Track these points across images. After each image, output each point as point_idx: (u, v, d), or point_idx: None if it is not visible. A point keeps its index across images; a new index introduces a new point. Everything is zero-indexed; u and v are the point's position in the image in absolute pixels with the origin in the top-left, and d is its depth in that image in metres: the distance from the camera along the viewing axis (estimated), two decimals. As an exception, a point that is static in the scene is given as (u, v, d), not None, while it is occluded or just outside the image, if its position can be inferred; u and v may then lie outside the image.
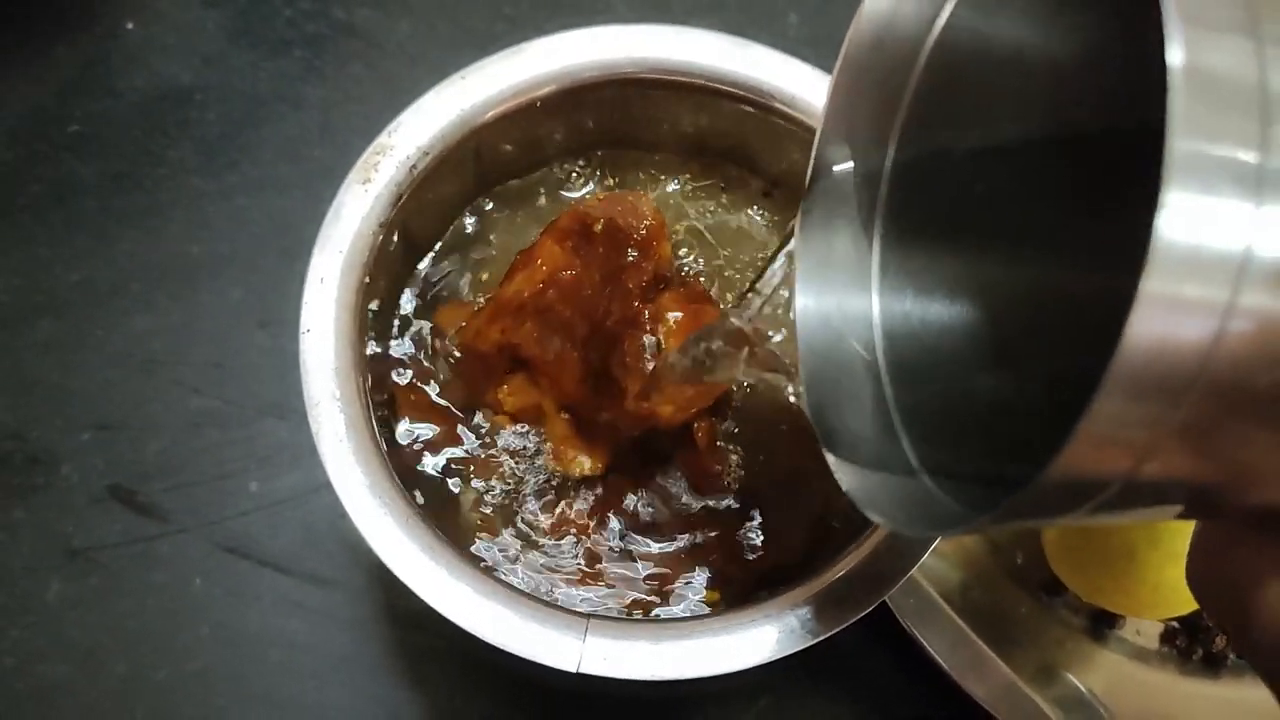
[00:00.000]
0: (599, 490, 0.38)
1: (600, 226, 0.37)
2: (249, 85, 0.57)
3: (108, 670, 0.45)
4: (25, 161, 0.54)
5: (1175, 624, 0.49)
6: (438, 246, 0.41)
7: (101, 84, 0.56)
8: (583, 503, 0.38)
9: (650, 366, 0.36)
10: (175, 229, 0.54)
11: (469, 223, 0.42)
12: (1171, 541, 0.44)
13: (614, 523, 0.38)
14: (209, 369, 0.51)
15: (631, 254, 0.37)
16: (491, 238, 0.42)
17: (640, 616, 0.36)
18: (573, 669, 0.32)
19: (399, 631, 0.47)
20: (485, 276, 0.41)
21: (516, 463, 0.39)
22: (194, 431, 0.50)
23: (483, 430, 0.39)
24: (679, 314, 0.37)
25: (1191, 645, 0.48)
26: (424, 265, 0.41)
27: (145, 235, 0.54)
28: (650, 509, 0.38)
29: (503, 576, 0.35)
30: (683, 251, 0.43)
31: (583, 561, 0.37)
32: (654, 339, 0.36)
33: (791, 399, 0.40)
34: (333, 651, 0.46)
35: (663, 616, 0.36)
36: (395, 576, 0.47)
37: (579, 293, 0.37)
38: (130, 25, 0.58)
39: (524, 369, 0.39)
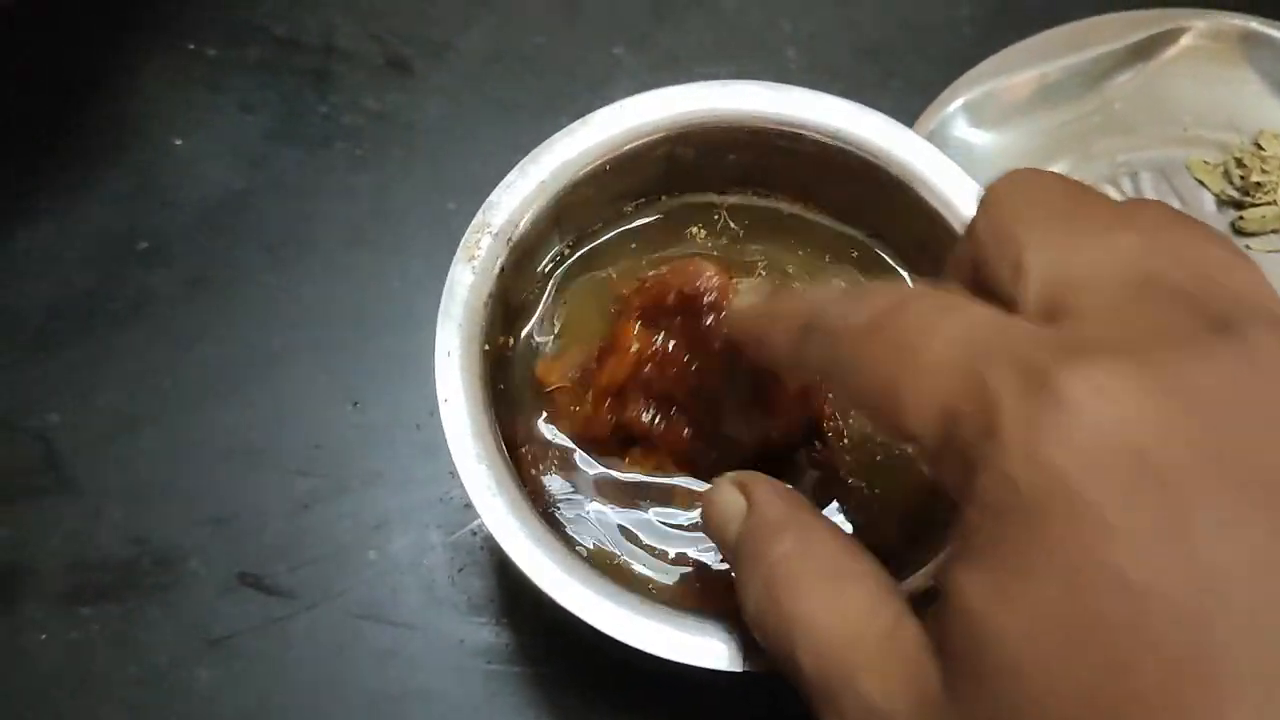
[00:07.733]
0: None
1: (672, 298, 0.40)
2: (298, 181, 0.61)
3: (265, 747, 0.48)
4: (102, 284, 0.58)
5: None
6: (535, 309, 0.45)
7: (161, 199, 0.60)
8: None
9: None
10: (252, 325, 0.57)
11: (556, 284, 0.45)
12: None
13: None
14: (309, 451, 0.54)
15: (708, 318, 0.40)
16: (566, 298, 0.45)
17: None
18: (739, 669, 0.35)
19: (532, 669, 0.50)
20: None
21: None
22: (305, 511, 0.53)
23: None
24: None
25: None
26: (525, 329, 0.44)
27: (225, 336, 0.57)
28: None
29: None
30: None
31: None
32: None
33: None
34: (472, 696, 0.49)
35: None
36: (523, 617, 0.51)
37: (671, 366, 0.40)
38: (178, 141, 0.61)
39: (638, 442, 0.42)
